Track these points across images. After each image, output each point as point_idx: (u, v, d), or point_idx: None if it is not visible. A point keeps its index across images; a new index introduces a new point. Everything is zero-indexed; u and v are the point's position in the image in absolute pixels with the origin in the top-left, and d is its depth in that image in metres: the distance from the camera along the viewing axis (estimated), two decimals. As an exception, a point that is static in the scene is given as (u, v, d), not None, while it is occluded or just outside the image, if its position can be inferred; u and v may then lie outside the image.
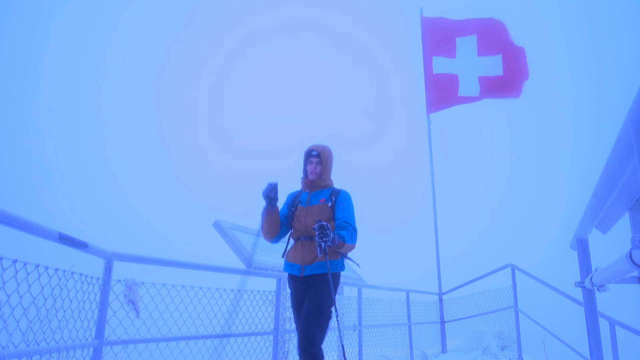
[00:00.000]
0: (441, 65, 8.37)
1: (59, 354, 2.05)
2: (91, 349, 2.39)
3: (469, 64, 8.23)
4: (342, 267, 3.15)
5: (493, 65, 8.10)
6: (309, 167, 3.23)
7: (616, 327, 3.81)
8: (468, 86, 8.17)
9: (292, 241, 3.25)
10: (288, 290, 3.29)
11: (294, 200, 3.31)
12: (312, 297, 2.95)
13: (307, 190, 3.27)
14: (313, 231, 3.01)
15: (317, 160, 3.23)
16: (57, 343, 2.05)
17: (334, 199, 3.19)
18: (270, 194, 3.06)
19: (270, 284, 3.94)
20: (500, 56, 8.09)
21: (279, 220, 3.17)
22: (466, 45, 8.32)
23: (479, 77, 8.11)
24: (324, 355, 2.83)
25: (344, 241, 2.96)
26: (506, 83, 7.96)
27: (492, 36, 8.19)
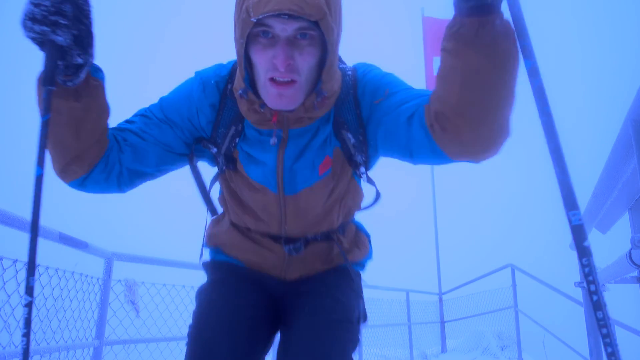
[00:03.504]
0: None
1: (59, 353, 2.05)
2: (91, 349, 2.39)
3: None
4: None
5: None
6: (273, 62, 0.96)
7: (616, 327, 3.82)
8: None
9: (226, 220, 1.29)
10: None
11: (220, 129, 1.14)
12: (323, 298, 1.19)
13: (269, 127, 1.08)
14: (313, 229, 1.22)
15: (301, 38, 0.96)
16: (57, 343, 2.05)
17: (355, 122, 1.13)
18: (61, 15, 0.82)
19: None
20: None
21: (100, 128, 1.02)
22: None
23: None
24: None
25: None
26: None
27: None
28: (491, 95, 0.84)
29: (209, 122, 1.13)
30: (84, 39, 0.85)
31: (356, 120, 1.12)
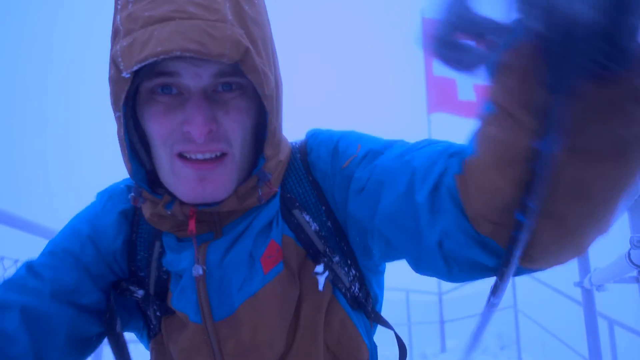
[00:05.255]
0: (441, 67, 8.41)
1: (60, 353, 2.05)
2: (92, 349, 2.40)
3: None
4: None
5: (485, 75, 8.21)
6: (184, 130, 0.61)
7: (615, 326, 3.82)
8: (466, 91, 8.26)
9: None
10: None
11: (140, 252, 0.76)
12: None
13: (185, 235, 0.70)
14: None
15: (224, 90, 0.63)
16: (57, 342, 2.05)
17: (321, 208, 0.74)
18: None
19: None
20: None
21: None
22: None
23: (473, 85, 8.19)
24: None
25: None
26: None
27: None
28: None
29: (118, 236, 0.75)
30: None
31: (312, 193, 0.72)
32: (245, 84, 0.63)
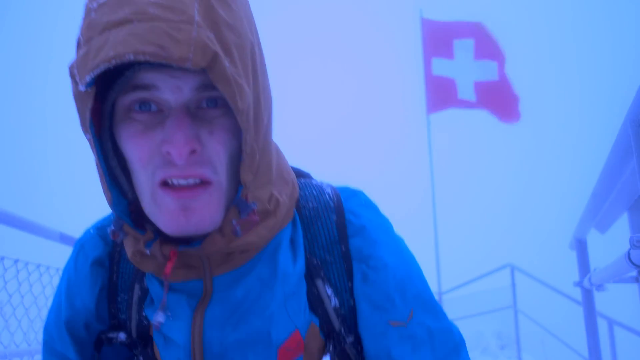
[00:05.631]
0: (440, 67, 8.42)
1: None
2: (92, 349, 2.40)
3: (466, 67, 8.30)
4: None
5: (489, 70, 8.21)
6: (164, 150, 0.53)
7: (615, 326, 3.83)
8: (466, 90, 8.27)
9: None
10: None
11: (120, 294, 0.71)
12: None
13: (172, 280, 0.61)
14: None
15: (209, 106, 0.55)
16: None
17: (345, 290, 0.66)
18: None
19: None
20: (495, 63, 8.19)
21: None
22: (464, 47, 8.39)
23: (474, 82, 8.19)
24: None
25: None
26: (501, 93, 8.08)
27: (489, 41, 8.29)
28: None
29: (94, 288, 0.71)
30: None
31: (341, 265, 0.65)
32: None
